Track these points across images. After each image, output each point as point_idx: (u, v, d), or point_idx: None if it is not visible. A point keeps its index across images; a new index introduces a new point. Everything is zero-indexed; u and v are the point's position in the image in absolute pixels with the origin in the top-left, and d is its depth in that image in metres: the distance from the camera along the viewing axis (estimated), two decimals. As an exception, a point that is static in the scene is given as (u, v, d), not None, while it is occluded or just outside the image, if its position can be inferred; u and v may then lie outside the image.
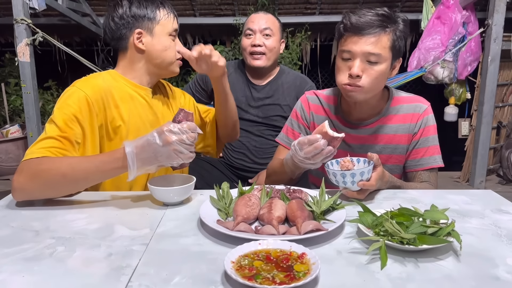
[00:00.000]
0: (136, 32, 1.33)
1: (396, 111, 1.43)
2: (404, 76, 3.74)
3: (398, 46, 1.29)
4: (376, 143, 1.44)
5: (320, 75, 5.35)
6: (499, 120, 4.04)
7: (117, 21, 1.33)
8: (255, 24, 1.99)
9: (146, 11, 1.33)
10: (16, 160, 4.04)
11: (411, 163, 1.44)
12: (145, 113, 1.37)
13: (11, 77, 4.57)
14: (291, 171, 1.32)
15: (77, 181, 1.11)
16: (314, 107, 1.53)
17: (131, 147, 1.05)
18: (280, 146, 1.57)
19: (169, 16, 1.36)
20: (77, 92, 1.22)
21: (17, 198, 1.12)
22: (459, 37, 3.69)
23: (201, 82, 2.14)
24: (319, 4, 4.53)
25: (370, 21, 1.24)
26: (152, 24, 1.34)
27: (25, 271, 0.78)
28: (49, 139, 1.15)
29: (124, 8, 1.33)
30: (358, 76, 1.27)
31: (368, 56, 1.26)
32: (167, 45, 1.36)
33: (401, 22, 1.29)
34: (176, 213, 1.09)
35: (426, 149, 1.42)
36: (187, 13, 4.67)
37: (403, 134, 1.42)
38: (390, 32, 1.26)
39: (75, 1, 4.06)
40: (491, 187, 3.76)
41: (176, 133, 1.04)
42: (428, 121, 1.42)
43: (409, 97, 1.47)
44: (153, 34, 1.34)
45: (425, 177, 1.42)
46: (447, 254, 0.85)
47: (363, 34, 1.24)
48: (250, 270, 0.74)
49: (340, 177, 1.13)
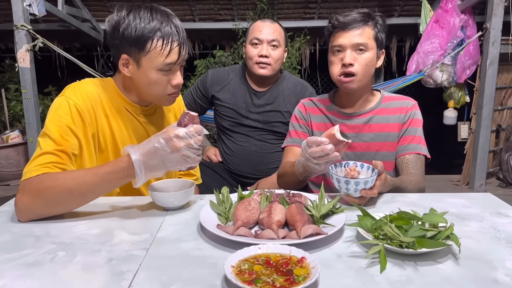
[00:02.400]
0: (122, 56, 1.19)
1: (387, 105, 1.60)
2: (403, 80, 3.75)
3: (380, 37, 1.49)
4: (369, 131, 1.58)
5: (320, 79, 5.36)
6: (498, 123, 4.04)
7: (110, 32, 1.19)
8: (262, 34, 1.97)
9: (135, 37, 1.14)
10: (16, 165, 4.05)
11: (400, 148, 1.56)
12: (135, 130, 1.32)
13: (11, 82, 4.58)
14: (299, 173, 1.36)
15: (84, 195, 1.07)
16: (310, 109, 1.69)
17: (137, 155, 1.03)
18: (287, 147, 1.68)
19: (163, 49, 1.15)
20: (67, 102, 1.17)
21: (23, 219, 1.06)
22: (458, 40, 3.71)
23: (202, 88, 2.14)
24: (318, 9, 4.55)
25: (353, 18, 1.45)
26: (139, 54, 1.17)
27: (26, 276, 0.79)
28: (46, 155, 1.10)
29: (118, 20, 1.17)
30: (350, 64, 1.45)
31: (356, 46, 1.45)
32: (153, 81, 1.20)
33: (379, 18, 1.50)
34: (176, 218, 1.09)
35: (413, 137, 1.55)
36: (186, 18, 4.69)
37: (394, 123, 1.57)
38: (372, 25, 1.47)
39: (75, 6, 4.08)
40: (491, 190, 3.76)
41: (184, 138, 1.02)
42: (416, 114, 1.58)
43: (398, 96, 1.65)
44: (140, 65, 1.18)
45: (412, 163, 1.50)
46: (446, 258, 0.85)
47: (350, 28, 1.45)
48: (250, 274, 0.74)
49: (344, 184, 1.13)
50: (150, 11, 1.16)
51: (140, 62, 1.18)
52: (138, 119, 1.32)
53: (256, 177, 2.07)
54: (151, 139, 1.05)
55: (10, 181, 4.06)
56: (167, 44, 1.16)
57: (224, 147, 2.14)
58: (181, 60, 1.21)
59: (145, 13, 1.15)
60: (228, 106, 2.08)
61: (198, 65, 4.44)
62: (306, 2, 4.49)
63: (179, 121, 1.07)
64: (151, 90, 1.23)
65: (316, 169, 1.24)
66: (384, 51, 1.56)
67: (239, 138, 2.09)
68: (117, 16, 1.17)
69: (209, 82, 2.11)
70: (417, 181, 1.41)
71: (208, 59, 4.44)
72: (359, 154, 1.57)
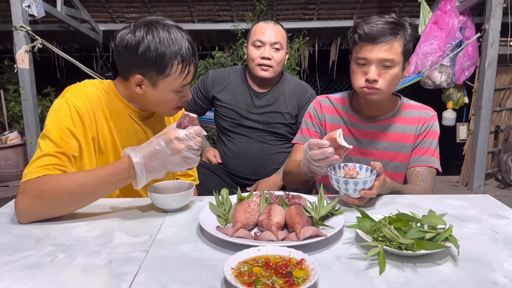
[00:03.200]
0: (136, 77, 1.18)
1: (406, 114, 1.53)
2: (402, 81, 3.75)
3: (408, 49, 1.39)
4: (384, 140, 1.52)
5: (319, 80, 5.37)
6: (497, 125, 4.05)
7: (123, 51, 1.16)
8: (265, 36, 1.97)
9: (155, 60, 1.13)
10: (15, 166, 4.04)
11: (411, 160, 1.50)
12: (134, 133, 1.32)
13: (10, 83, 4.58)
14: (304, 173, 1.36)
15: (85, 197, 1.08)
16: (325, 107, 1.62)
17: (138, 157, 1.03)
18: (296, 145, 1.65)
19: (182, 72, 1.17)
20: (67, 104, 1.17)
21: (23, 220, 1.06)
22: (456, 42, 3.72)
23: (202, 89, 2.15)
24: (317, 10, 4.56)
25: (382, 29, 1.33)
26: (158, 77, 1.17)
27: (26, 278, 0.79)
28: (46, 157, 1.10)
29: (135, 40, 1.13)
30: (375, 80, 1.36)
31: (382, 62, 1.35)
32: (167, 100, 1.22)
33: (408, 27, 1.38)
34: (176, 220, 1.10)
35: (426, 149, 1.49)
36: (185, 19, 4.69)
37: (410, 134, 1.51)
38: (401, 38, 1.35)
39: (74, 8, 4.08)
40: (490, 191, 3.77)
41: (184, 139, 1.03)
42: (433, 126, 1.52)
43: (419, 105, 1.57)
44: (156, 86, 1.19)
45: (422, 176, 1.45)
46: (445, 259, 0.85)
47: (377, 42, 1.33)
48: (249, 276, 0.74)
49: (343, 184, 1.14)
50: (168, 31, 1.15)
51: (157, 84, 1.18)
52: (137, 122, 1.32)
53: (256, 179, 2.08)
54: (152, 141, 1.05)
55: (9, 182, 4.06)
56: (185, 67, 1.17)
57: (224, 148, 2.14)
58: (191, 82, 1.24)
59: (164, 35, 1.14)
60: (228, 107, 2.08)
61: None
62: (305, 3, 4.49)
63: (179, 122, 1.07)
64: (161, 107, 1.25)
65: (318, 171, 1.24)
66: (410, 61, 1.44)
67: (239, 139, 2.09)
68: (133, 35, 1.13)
69: (209, 82, 2.11)
70: (422, 192, 1.38)
71: (207, 60, 4.44)
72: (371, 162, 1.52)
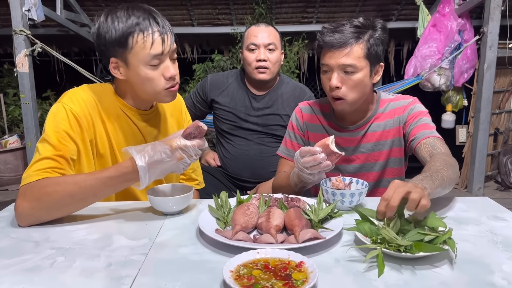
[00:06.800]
0: (111, 60, 1.19)
1: (383, 110, 1.48)
2: (401, 84, 3.76)
3: (374, 52, 1.33)
4: (367, 141, 1.48)
5: (318, 83, 5.38)
6: (496, 127, 4.06)
7: (95, 41, 1.19)
8: (258, 38, 2.00)
9: (116, 37, 1.14)
10: (14, 170, 4.05)
11: (412, 142, 1.38)
12: (132, 135, 1.31)
13: (10, 87, 4.59)
14: (295, 184, 1.33)
15: (86, 199, 1.09)
16: (307, 116, 1.57)
17: (143, 162, 1.04)
18: (282, 159, 1.61)
19: (146, 41, 1.14)
20: (64, 108, 1.17)
21: (23, 223, 1.06)
22: (455, 44, 3.73)
23: (201, 93, 2.16)
24: (316, 13, 4.57)
25: (341, 36, 1.30)
26: (125, 53, 1.16)
27: (25, 282, 0.79)
28: (45, 160, 1.10)
29: (98, 27, 1.17)
30: (337, 87, 1.33)
31: (343, 67, 1.31)
32: (144, 77, 1.18)
33: (378, 29, 1.33)
34: (175, 223, 1.10)
35: (418, 126, 1.39)
36: (185, 23, 4.71)
37: (391, 128, 1.46)
38: (363, 42, 1.31)
39: (74, 11, 4.10)
40: (489, 193, 3.77)
41: (188, 151, 1.07)
42: (414, 108, 1.44)
43: (395, 96, 1.51)
44: (128, 64, 1.18)
45: (431, 145, 1.31)
46: (443, 262, 0.85)
47: (336, 48, 1.30)
48: (248, 279, 0.74)
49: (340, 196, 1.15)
50: (126, 10, 1.16)
51: (128, 61, 1.17)
52: (137, 124, 1.32)
53: (255, 181, 2.08)
54: (156, 147, 1.06)
55: (8, 186, 4.07)
56: (147, 35, 1.14)
57: (223, 151, 2.15)
58: (168, 51, 1.18)
59: (121, 13, 1.15)
60: (227, 109, 2.09)
61: (196, 69, 4.45)
62: (304, 7, 4.51)
63: (189, 131, 1.08)
64: (145, 87, 1.21)
65: (310, 179, 1.24)
66: (383, 64, 1.41)
67: (238, 142, 2.10)
68: (95, 25, 1.18)
69: (208, 86, 2.13)
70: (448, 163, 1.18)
71: (206, 64, 4.46)
72: (358, 166, 1.50)
